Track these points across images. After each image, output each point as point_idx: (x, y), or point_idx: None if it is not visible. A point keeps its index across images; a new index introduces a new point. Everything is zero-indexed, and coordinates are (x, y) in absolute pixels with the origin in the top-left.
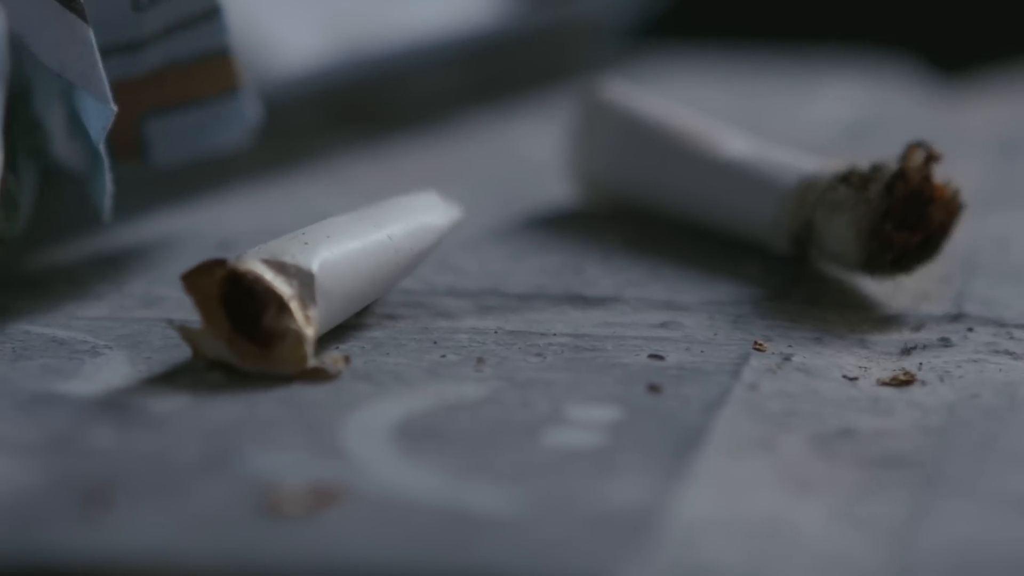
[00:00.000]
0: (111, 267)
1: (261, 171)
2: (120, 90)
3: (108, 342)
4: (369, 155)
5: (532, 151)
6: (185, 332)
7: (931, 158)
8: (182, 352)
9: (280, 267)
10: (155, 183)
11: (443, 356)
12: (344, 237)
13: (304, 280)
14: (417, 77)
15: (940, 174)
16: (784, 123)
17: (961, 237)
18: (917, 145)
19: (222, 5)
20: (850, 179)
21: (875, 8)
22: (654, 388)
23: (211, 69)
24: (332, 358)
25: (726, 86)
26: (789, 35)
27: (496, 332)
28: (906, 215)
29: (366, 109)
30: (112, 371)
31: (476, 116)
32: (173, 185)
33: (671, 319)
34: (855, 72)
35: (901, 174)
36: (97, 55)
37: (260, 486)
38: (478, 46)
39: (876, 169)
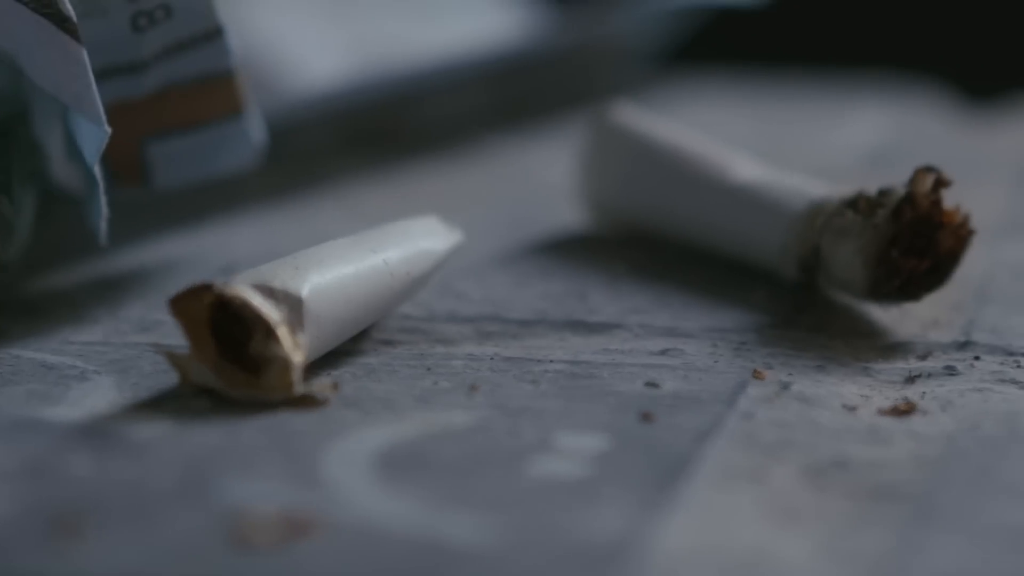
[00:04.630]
0: (111, 292)
1: (273, 195)
2: (120, 113)
3: (98, 367)
4: (383, 179)
5: (549, 175)
6: (172, 358)
7: (940, 183)
8: (171, 378)
9: (269, 292)
10: (163, 207)
11: (435, 383)
12: (337, 262)
13: (293, 305)
14: (437, 99)
15: (953, 199)
16: (811, 148)
17: (976, 263)
18: (926, 169)
19: (224, 26)
20: (857, 204)
21: (903, 34)
22: (647, 417)
23: (214, 91)
24: (321, 385)
25: (754, 111)
26: (818, 60)
27: (492, 359)
28: (914, 241)
29: (382, 132)
30: (98, 397)
31: (495, 139)
32: (181, 209)
33: (672, 346)
34: (883, 97)
35: (909, 199)
36: (91, 76)
37: (233, 516)
38: (503, 66)
39: (884, 194)
